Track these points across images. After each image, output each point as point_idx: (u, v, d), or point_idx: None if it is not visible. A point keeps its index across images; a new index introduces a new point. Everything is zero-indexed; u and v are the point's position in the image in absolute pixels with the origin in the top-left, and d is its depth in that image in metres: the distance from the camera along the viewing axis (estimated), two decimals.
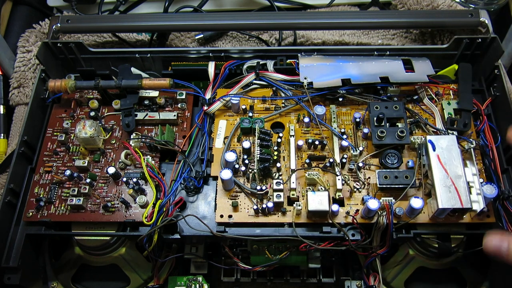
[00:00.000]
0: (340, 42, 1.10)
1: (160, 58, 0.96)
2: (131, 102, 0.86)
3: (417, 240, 0.79)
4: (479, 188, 0.74)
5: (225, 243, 0.81)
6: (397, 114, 0.82)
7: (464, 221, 0.75)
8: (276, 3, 1.14)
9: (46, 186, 0.82)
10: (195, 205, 0.81)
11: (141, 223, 0.77)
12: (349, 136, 0.84)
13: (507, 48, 1.01)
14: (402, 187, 0.76)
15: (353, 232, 0.76)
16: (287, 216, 0.77)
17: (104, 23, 0.97)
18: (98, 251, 0.83)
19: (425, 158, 0.77)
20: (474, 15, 0.92)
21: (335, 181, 0.78)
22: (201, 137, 0.86)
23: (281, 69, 0.90)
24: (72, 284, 0.86)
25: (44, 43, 0.93)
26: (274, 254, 0.79)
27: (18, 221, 0.81)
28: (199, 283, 0.82)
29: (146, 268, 0.86)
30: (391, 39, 1.11)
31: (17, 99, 1.05)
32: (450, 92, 0.88)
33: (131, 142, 0.83)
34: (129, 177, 0.82)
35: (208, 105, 0.87)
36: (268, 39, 1.13)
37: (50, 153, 0.85)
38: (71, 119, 0.89)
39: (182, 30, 1.12)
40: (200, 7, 1.15)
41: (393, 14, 0.96)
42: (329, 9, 1.17)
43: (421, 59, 0.90)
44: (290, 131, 0.83)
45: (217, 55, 0.94)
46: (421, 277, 0.84)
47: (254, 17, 0.98)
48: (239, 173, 0.81)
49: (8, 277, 0.77)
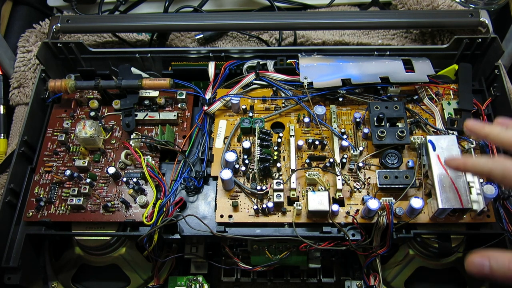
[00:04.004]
0: (340, 42, 1.10)
1: (160, 58, 0.96)
2: (131, 102, 0.86)
3: (417, 240, 0.79)
4: (479, 188, 0.73)
5: (225, 243, 0.81)
6: (397, 114, 0.82)
7: (464, 221, 0.75)
8: (276, 3, 1.14)
9: (46, 186, 0.82)
10: (195, 205, 0.81)
11: (141, 223, 0.77)
12: (349, 136, 0.84)
13: (507, 48, 1.01)
14: (402, 187, 0.76)
15: (353, 232, 0.76)
16: (287, 216, 0.77)
17: (104, 23, 0.97)
18: (98, 251, 0.83)
19: (425, 158, 0.77)
20: (474, 15, 0.92)
21: (335, 181, 0.78)
22: (201, 137, 0.86)
23: (281, 69, 0.90)
24: (72, 284, 0.86)
25: (44, 43, 0.93)
26: (274, 254, 0.79)
27: (18, 221, 0.81)
28: (199, 283, 0.82)
29: (146, 268, 0.86)
30: (391, 39, 1.11)
31: (17, 99, 1.05)
32: (450, 92, 0.88)
33: (131, 142, 0.83)
34: (129, 177, 0.82)
35: (208, 105, 0.87)
36: (268, 39, 1.13)
37: (50, 153, 0.85)
38: (71, 119, 0.89)
39: (182, 30, 1.12)
40: (200, 7, 1.15)
41: (393, 14, 0.96)
42: (329, 9, 1.17)
43: (421, 59, 0.90)
44: (290, 131, 0.83)
45: (217, 55, 0.94)
46: (421, 277, 0.84)
47: (254, 17, 0.98)
48: (239, 173, 0.81)
49: (8, 277, 0.77)
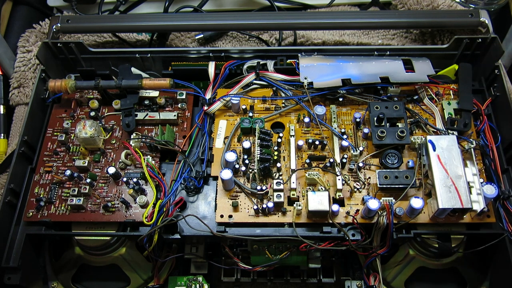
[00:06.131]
0: (340, 42, 1.10)
1: (160, 58, 0.96)
2: (131, 102, 0.86)
3: (417, 240, 0.79)
4: (479, 188, 0.74)
5: (225, 243, 0.81)
6: (397, 114, 0.82)
7: (464, 221, 0.75)
8: (276, 3, 1.14)
9: (46, 186, 0.82)
10: (195, 205, 0.81)
11: (141, 223, 0.77)
12: (349, 136, 0.84)
13: (507, 48, 1.01)
14: (402, 187, 0.76)
15: (353, 232, 0.76)
16: (287, 216, 0.77)
17: (104, 23, 0.97)
18: (98, 251, 0.83)
19: (425, 158, 0.77)
20: (474, 15, 0.92)
21: (335, 181, 0.78)
22: (201, 137, 0.86)
23: (281, 69, 0.90)
24: (72, 284, 0.86)
25: (44, 43, 0.93)
26: (274, 254, 0.79)
27: (18, 221, 0.81)
28: (199, 283, 0.82)
29: (146, 268, 0.86)
30: (391, 39, 1.11)
31: (17, 99, 1.05)
32: (450, 92, 0.88)
33: (131, 142, 0.83)
34: (129, 177, 0.82)
35: (208, 105, 0.87)
36: (268, 39, 1.13)
37: (50, 153, 0.85)
38: (71, 119, 0.89)
39: (182, 30, 1.12)
40: (200, 7, 1.15)
41: (393, 14, 0.97)
42: (329, 9, 1.17)
43: (421, 59, 0.90)
44: (290, 131, 0.83)
45: (217, 55, 0.94)
46: (421, 277, 0.84)
47: (254, 17, 0.98)
48: (239, 173, 0.81)
49: (8, 277, 0.77)
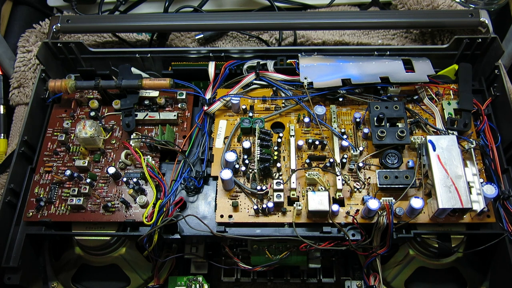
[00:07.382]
0: (340, 42, 1.10)
1: (160, 58, 0.96)
2: (131, 102, 0.86)
3: (417, 240, 0.79)
4: (479, 188, 0.74)
5: (225, 243, 0.81)
6: (397, 114, 0.82)
7: (464, 221, 0.75)
8: (276, 3, 1.14)
9: (46, 186, 0.82)
10: (195, 205, 0.81)
11: (141, 223, 0.77)
12: (349, 136, 0.84)
13: (507, 48, 1.01)
14: (402, 187, 0.76)
15: (353, 232, 0.76)
16: (287, 216, 0.77)
17: (104, 23, 0.97)
18: (98, 251, 0.83)
19: (425, 158, 0.77)
20: (474, 15, 0.92)
21: (335, 181, 0.78)
22: (201, 137, 0.86)
23: (281, 69, 0.90)
24: (72, 284, 0.86)
25: (44, 43, 0.93)
26: (274, 254, 0.79)
27: (18, 221, 0.81)
28: (199, 283, 0.82)
29: (146, 268, 0.86)
30: (391, 39, 1.11)
31: (17, 99, 1.05)
32: (450, 92, 0.88)
33: (131, 142, 0.83)
34: (129, 177, 0.82)
35: (208, 105, 0.87)
36: (268, 39, 1.13)
37: (50, 153, 0.85)
38: (71, 119, 0.89)
39: (182, 30, 1.12)
40: (200, 7, 1.15)
41: (393, 14, 0.97)
42: (329, 9, 1.17)
43: (421, 59, 0.90)
44: (290, 131, 0.83)
45: (217, 55, 0.94)
46: (421, 277, 0.84)
47: (254, 17, 0.98)
48: (239, 173, 0.81)
49: (8, 277, 0.77)
